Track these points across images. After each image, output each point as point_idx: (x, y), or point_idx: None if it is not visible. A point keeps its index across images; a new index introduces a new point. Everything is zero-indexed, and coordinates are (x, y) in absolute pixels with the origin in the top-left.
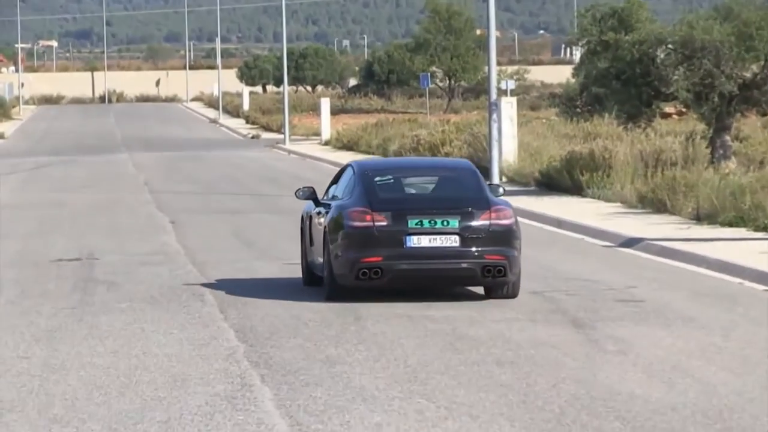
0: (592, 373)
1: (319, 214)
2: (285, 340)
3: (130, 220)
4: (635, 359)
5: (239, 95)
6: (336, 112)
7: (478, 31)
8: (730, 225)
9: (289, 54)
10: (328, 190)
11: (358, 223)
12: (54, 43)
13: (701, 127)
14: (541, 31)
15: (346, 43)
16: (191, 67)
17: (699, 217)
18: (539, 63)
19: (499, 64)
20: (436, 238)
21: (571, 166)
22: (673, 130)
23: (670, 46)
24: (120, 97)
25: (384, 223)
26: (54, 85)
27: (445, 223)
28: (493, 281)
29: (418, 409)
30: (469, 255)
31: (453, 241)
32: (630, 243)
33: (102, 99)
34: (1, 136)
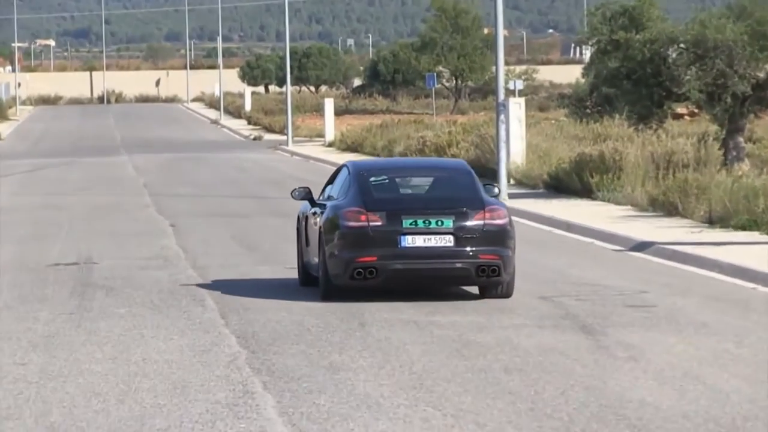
0: (602, 380)
1: (314, 214)
2: (288, 346)
3: (129, 224)
4: (646, 366)
5: (241, 96)
6: (340, 112)
7: (486, 30)
8: (743, 228)
9: (292, 53)
10: (323, 191)
11: (352, 223)
12: (51, 42)
13: (714, 128)
14: (550, 30)
15: (351, 42)
16: (192, 67)
17: (711, 221)
18: (548, 63)
19: (507, 63)
20: (430, 238)
21: (580, 168)
22: (685, 132)
23: (682, 45)
24: (119, 98)
25: (379, 223)
26: (51, 85)
27: (440, 223)
28: (488, 281)
29: (424, 416)
30: (464, 255)
31: (447, 241)
32: (641, 247)
33: (101, 99)
34: None
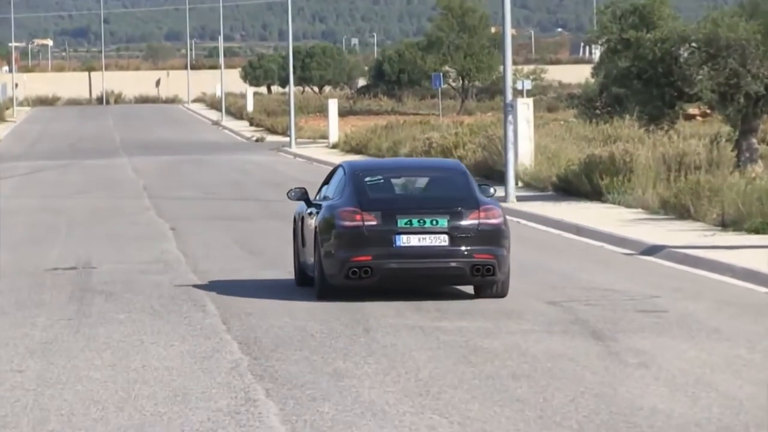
0: (613, 387)
1: (310, 214)
2: (291, 352)
3: (128, 227)
4: (657, 372)
5: (243, 96)
6: (344, 113)
7: (493, 29)
8: (757, 232)
9: (295, 53)
10: (319, 191)
11: (348, 223)
12: (49, 42)
13: (726, 129)
14: (559, 29)
15: (355, 41)
16: (193, 67)
17: (724, 224)
18: (557, 62)
19: (514, 63)
20: (425, 237)
21: (590, 170)
22: (697, 133)
23: (693, 44)
24: (118, 98)
25: (374, 223)
26: (49, 85)
27: (434, 222)
28: (482, 280)
29: (430, 424)
30: (458, 254)
31: (442, 241)
32: (652, 251)
33: (99, 100)
34: None
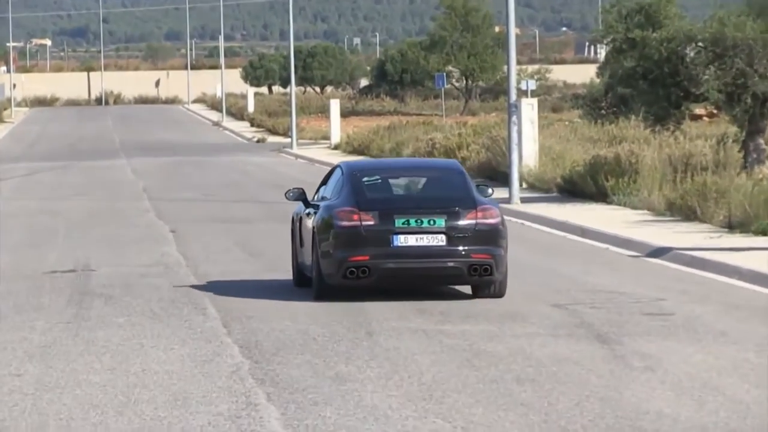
0: (618, 391)
1: (308, 215)
2: (292, 356)
3: (128, 230)
4: (663, 376)
5: (244, 97)
6: (346, 114)
7: (497, 28)
8: (764, 233)
9: (296, 53)
10: (317, 192)
11: (345, 223)
12: (48, 42)
13: (733, 129)
14: (564, 29)
15: (357, 41)
16: (193, 67)
17: (731, 225)
18: (561, 62)
19: (519, 63)
20: (422, 237)
21: (595, 171)
22: (704, 133)
23: (700, 44)
24: (117, 99)
25: (371, 223)
26: (48, 86)
27: (432, 222)
28: (480, 280)
29: (434, 429)
30: (456, 254)
31: (439, 240)
32: (658, 253)
33: (98, 101)
34: None
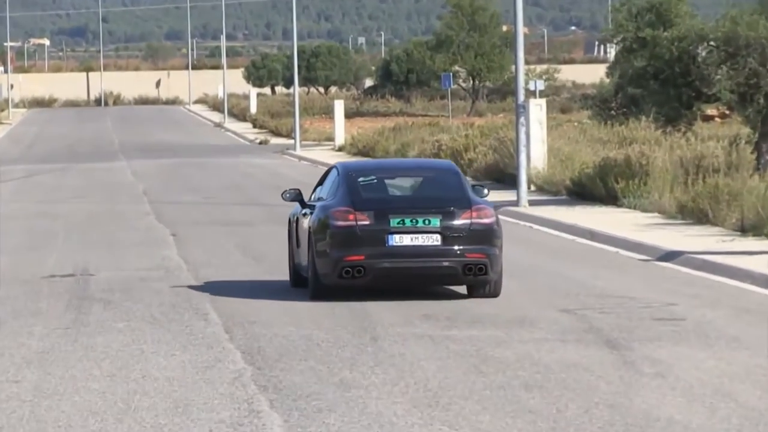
0: (628, 398)
1: (305, 215)
2: (296, 362)
3: (128, 233)
4: (674, 382)
5: (246, 97)
6: (350, 115)
7: (505, 28)
8: None
9: (299, 53)
10: (314, 192)
11: (341, 223)
12: (46, 42)
13: (746, 130)
14: (573, 28)
15: (362, 40)
16: (194, 67)
17: (744, 229)
18: (570, 62)
19: (527, 63)
20: (417, 236)
21: (605, 173)
22: (716, 135)
23: (712, 43)
24: (117, 100)
25: (366, 223)
26: (46, 86)
27: (427, 222)
28: (474, 279)
29: None
30: (451, 253)
31: (434, 240)
32: (669, 257)
33: (98, 101)
34: None
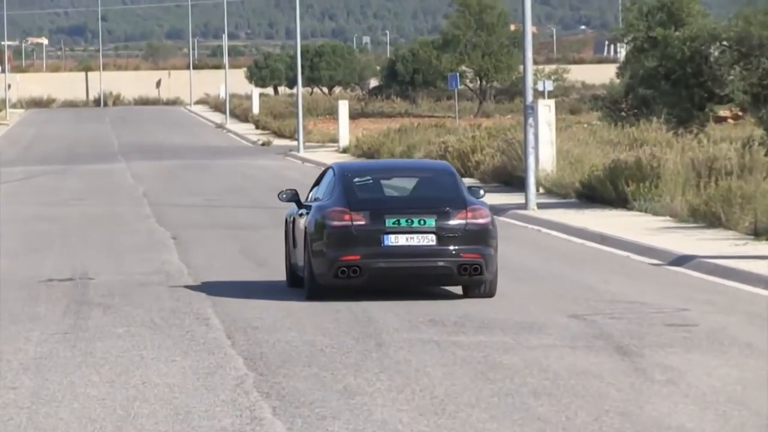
0: (639, 405)
1: (301, 215)
2: (299, 368)
3: (127, 237)
4: (686, 390)
5: (248, 98)
6: (355, 116)
7: (513, 27)
8: None
9: (303, 52)
10: (310, 193)
11: (336, 223)
12: (44, 41)
13: (759, 132)
14: (582, 27)
15: (367, 40)
16: (195, 67)
17: (757, 232)
18: (580, 62)
19: (535, 63)
20: (413, 236)
21: (615, 175)
22: (729, 136)
23: (724, 42)
24: (117, 100)
25: (362, 223)
26: (44, 86)
27: (422, 222)
28: (470, 279)
29: None
30: (446, 253)
31: (430, 240)
32: (681, 261)
33: (97, 102)
34: None
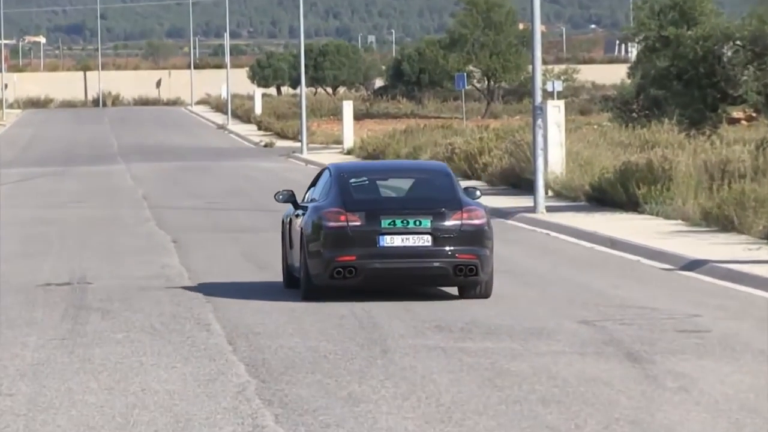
0: (650, 413)
1: (297, 216)
2: (302, 375)
3: (127, 240)
4: (699, 397)
5: (250, 98)
6: (360, 117)
7: (521, 26)
8: None
9: (307, 51)
10: (306, 193)
11: (332, 224)
12: (42, 39)
13: None
14: (593, 26)
15: (372, 38)
16: (196, 67)
17: None
18: (590, 61)
19: (544, 62)
20: (408, 237)
21: (626, 178)
22: (742, 138)
23: (738, 42)
24: (116, 100)
25: (358, 223)
26: (42, 86)
27: (418, 223)
28: (465, 280)
29: None
30: (442, 254)
31: (425, 241)
32: (693, 266)
33: (96, 102)
34: None
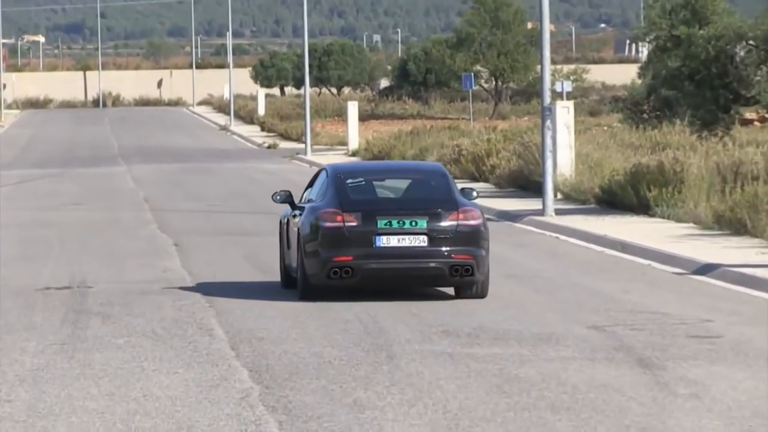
0: (661, 420)
1: (294, 216)
2: (306, 381)
3: (128, 243)
4: (711, 404)
5: (253, 98)
6: (365, 117)
7: (530, 25)
8: None
9: (311, 51)
10: (303, 194)
11: (329, 224)
12: (41, 38)
13: None
14: (603, 25)
15: (377, 38)
16: (198, 66)
17: None
18: (600, 61)
19: (553, 62)
20: (404, 238)
21: (636, 180)
22: (755, 139)
23: (751, 42)
24: (116, 101)
25: (354, 224)
26: (41, 86)
27: (414, 223)
28: (461, 280)
29: None
30: (438, 254)
31: (421, 241)
32: (705, 270)
33: (96, 102)
34: None
